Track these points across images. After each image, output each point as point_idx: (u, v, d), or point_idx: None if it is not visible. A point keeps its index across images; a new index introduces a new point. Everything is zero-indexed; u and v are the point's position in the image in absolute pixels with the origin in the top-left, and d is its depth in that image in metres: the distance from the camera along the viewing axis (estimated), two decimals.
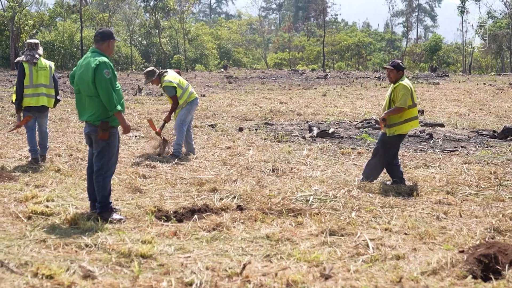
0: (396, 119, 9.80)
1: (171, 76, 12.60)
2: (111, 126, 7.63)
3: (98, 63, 7.51)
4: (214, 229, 7.17)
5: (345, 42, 76.68)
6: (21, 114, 11.48)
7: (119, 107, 7.53)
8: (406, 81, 9.86)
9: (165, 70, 13.04)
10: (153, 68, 12.88)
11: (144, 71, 12.87)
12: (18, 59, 11.48)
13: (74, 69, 7.94)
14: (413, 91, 9.91)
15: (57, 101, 11.84)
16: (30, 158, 11.35)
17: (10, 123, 16.66)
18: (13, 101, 11.63)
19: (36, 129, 11.59)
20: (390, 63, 10.13)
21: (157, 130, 12.73)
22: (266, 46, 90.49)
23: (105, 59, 7.63)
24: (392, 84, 10.00)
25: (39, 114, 11.48)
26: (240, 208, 8.09)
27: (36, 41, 11.63)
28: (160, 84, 12.70)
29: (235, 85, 35.77)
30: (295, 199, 8.55)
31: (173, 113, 12.61)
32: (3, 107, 20.68)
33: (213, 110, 21.65)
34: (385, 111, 9.93)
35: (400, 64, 9.99)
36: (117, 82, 7.79)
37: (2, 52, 52.60)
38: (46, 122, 11.76)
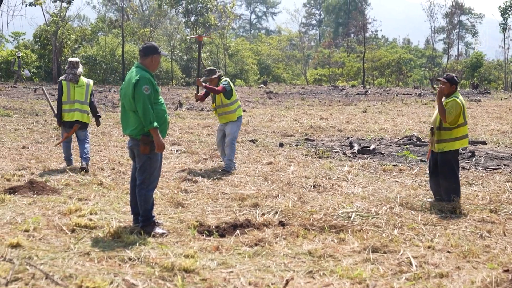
0: (446, 136, 9.66)
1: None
2: (152, 141, 7.67)
3: (138, 78, 7.59)
4: (256, 245, 7.18)
5: (386, 59, 76.09)
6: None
7: (154, 124, 7.56)
8: (460, 98, 9.72)
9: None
10: (215, 68, 13.17)
11: (207, 68, 12.97)
12: (61, 78, 12.19)
13: (123, 83, 8.02)
14: (465, 109, 9.78)
15: (98, 117, 12.37)
16: (66, 165, 12.36)
17: (53, 136, 16.92)
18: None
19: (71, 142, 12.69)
20: (445, 75, 10.01)
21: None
22: (306, 62, 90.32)
23: (146, 74, 7.69)
24: (444, 98, 9.86)
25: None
26: (282, 223, 8.10)
27: (77, 59, 12.30)
28: (216, 85, 12.70)
29: (275, 101, 35.78)
30: (337, 216, 8.53)
31: (207, 92, 12.79)
32: (46, 120, 20.97)
33: (253, 126, 21.68)
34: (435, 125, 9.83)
35: (455, 78, 9.84)
36: (160, 97, 7.86)
37: (45, 66, 53.26)
38: (86, 135, 12.31)
